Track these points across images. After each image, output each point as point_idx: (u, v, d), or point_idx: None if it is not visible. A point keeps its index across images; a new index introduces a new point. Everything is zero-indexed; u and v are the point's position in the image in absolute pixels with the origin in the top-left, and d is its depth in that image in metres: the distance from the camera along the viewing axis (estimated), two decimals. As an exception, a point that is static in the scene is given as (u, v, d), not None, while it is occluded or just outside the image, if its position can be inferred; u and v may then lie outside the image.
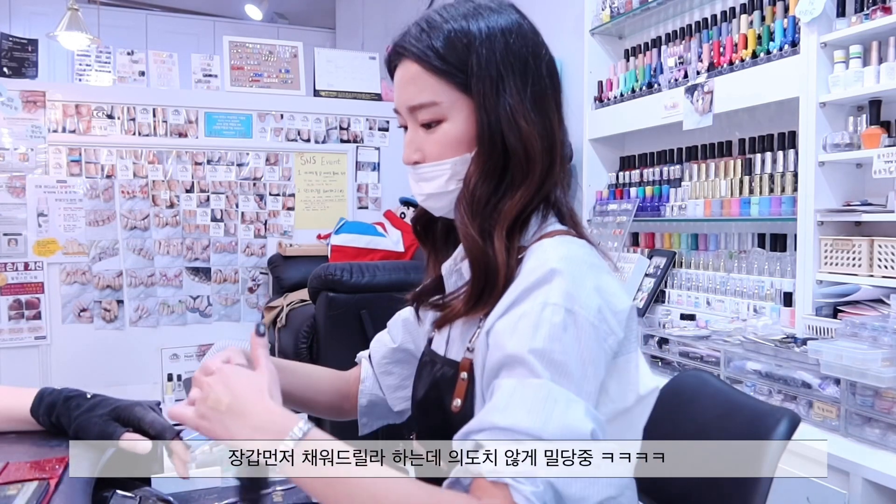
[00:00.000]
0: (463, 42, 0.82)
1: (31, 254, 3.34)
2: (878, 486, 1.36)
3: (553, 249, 0.78)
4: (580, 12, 2.86)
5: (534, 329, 0.71)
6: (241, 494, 0.89)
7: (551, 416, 0.67)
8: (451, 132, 0.83)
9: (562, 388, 0.69)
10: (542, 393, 0.68)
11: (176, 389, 3.55)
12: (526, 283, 0.75)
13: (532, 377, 0.69)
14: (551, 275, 0.74)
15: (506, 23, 0.84)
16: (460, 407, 0.81)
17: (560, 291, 0.72)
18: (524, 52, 0.84)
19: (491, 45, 0.82)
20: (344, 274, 2.72)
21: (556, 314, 0.71)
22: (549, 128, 0.84)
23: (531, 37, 0.86)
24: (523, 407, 0.67)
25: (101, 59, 3.63)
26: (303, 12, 6.86)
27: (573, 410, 0.68)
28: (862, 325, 1.52)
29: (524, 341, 0.70)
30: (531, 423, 0.66)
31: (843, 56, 1.82)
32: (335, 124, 3.87)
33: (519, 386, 0.69)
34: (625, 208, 2.60)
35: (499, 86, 0.81)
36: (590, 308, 0.73)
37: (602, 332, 0.73)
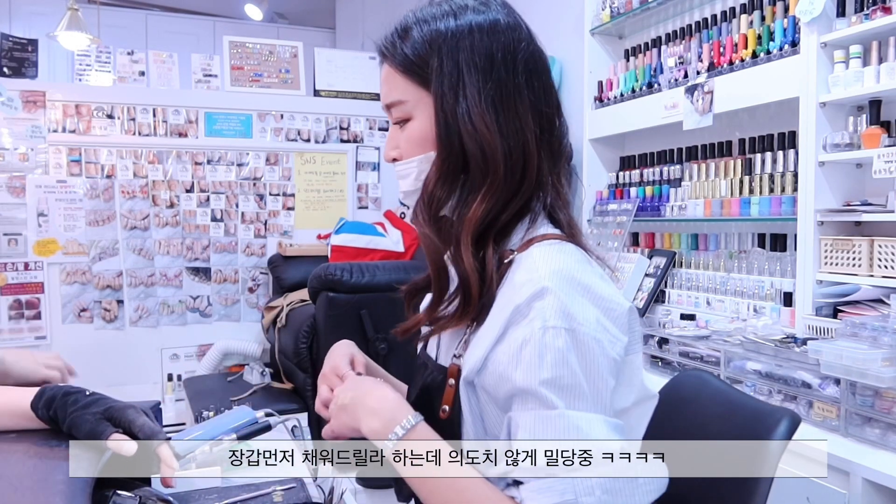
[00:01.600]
0: (428, 41, 0.82)
1: (31, 254, 3.34)
2: (878, 486, 1.36)
3: (543, 262, 0.76)
4: (580, 12, 2.86)
5: (539, 358, 0.71)
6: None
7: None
8: (415, 130, 0.84)
9: (578, 413, 0.70)
10: (561, 424, 0.69)
11: (176, 389, 3.55)
12: (517, 300, 0.74)
13: (546, 409, 0.70)
14: (543, 293, 0.73)
15: (479, 20, 0.83)
16: (448, 413, 0.82)
17: (556, 311, 0.72)
18: (492, 49, 0.82)
19: (455, 43, 0.81)
20: (344, 274, 2.72)
21: (557, 338, 0.71)
22: (519, 129, 0.81)
23: (506, 34, 0.84)
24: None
25: (101, 59, 3.63)
26: (303, 12, 6.86)
27: (595, 431, 0.70)
28: (862, 325, 1.52)
29: (532, 373, 0.71)
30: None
31: (843, 56, 1.82)
32: (335, 124, 3.87)
33: (537, 421, 0.71)
34: (625, 208, 2.60)
35: (458, 85, 0.81)
36: (589, 322, 0.73)
37: (606, 343, 0.73)
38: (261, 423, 1.33)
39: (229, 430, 1.29)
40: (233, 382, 3.21)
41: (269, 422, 1.35)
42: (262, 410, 1.37)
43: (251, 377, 3.22)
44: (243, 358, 3.65)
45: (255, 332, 3.71)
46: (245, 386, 3.12)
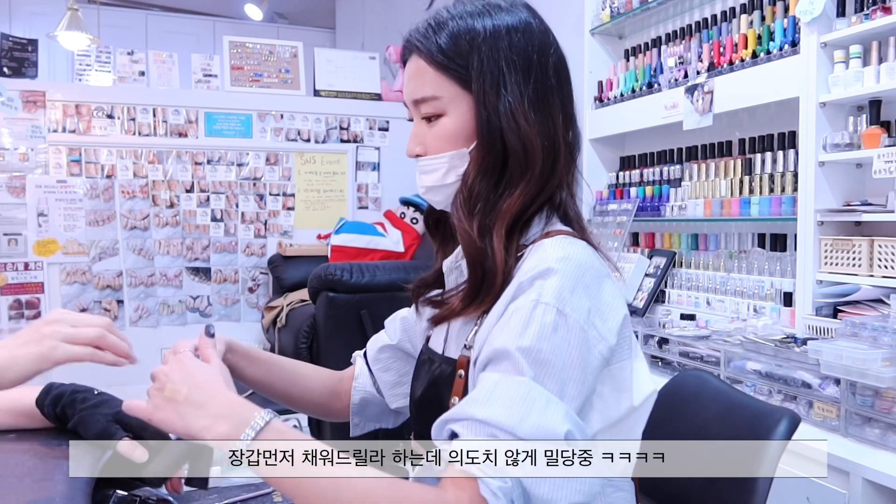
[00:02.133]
0: (466, 39, 0.83)
1: (31, 254, 3.34)
2: (878, 486, 1.36)
3: (553, 249, 0.78)
4: (580, 12, 2.86)
5: (523, 326, 0.71)
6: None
7: (528, 414, 0.67)
8: (449, 126, 0.84)
9: (543, 389, 0.69)
10: (523, 390, 0.68)
11: (176, 389, 3.55)
12: (521, 279, 0.76)
13: (516, 374, 0.70)
14: (547, 273, 0.74)
15: (513, 21, 0.84)
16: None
17: (553, 291, 0.73)
18: (529, 50, 0.84)
19: (494, 42, 0.82)
20: (344, 274, 2.72)
21: (547, 313, 0.72)
22: (552, 128, 0.84)
23: (539, 35, 0.86)
24: (503, 402, 0.68)
25: (101, 59, 3.63)
26: (303, 12, 6.86)
27: (551, 411, 0.68)
28: (862, 325, 1.52)
29: (512, 337, 0.71)
30: (507, 418, 0.67)
31: (843, 56, 1.82)
32: (335, 124, 3.87)
33: (502, 381, 0.70)
34: (625, 208, 2.60)
35: (500, 83, 0.82)
36: (581, 311, 0.73)
37: (592, 338, 0.73)
38: (261, 423, 1.33)
39: (229, 430, 1.29)
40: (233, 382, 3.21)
41: (269, 422, 1.34)
42: (262, 410, 1.37)
43: (251, 377, 3.21)
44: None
45: (255, 332, 3.71)
46: (245, 386, 3.12)
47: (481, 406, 0.68)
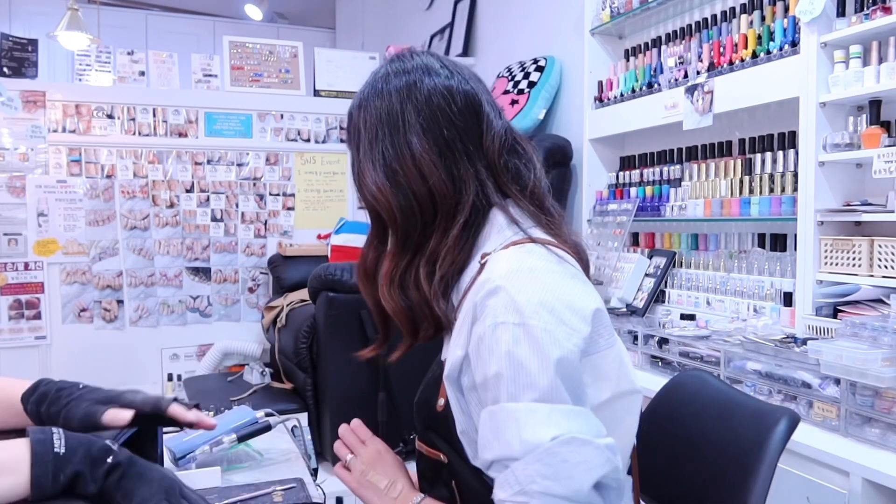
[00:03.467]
0: (348, 116, 0.94)
1: (31, 254, 3.34)
2: (878, 486, 1.36)
3: (503, 263, 0.80)
4: (580, 12, 2.86)
5: (489, 354, 0.75)
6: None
7: (512, 438, 0.72)
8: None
9: (521, 403, 0.73)
10: (502, 416, 0.73)
11: (176, 389, 3.55)
12: (475, 297, 0.79)
13: (492, 404, 0.75)
14: (496, 290, 0.77)
15: (379, 83, 0.90)
16: (443, 405, 0.85)
17: (506, 307, 0.75)
18: (384, 105, 0.88)
19: (361, 115, 0.91)
20: (344, 274, 2.72)
21: (505, 332, 0.74)
22: (421, 178, 0.85)
23: (410, 78, 0.89)
24: (494, 437, 0.74)
25: (101, 59, 3.63)
26: (303, 12, 6.86)
27: (530, 422, 0.72)
28: (862, 325, 1.52)
29: (483, 369, 0.76)
30: (502, 450, 0.73)
31: (843, 56, 1.83)
32: (335, 124, 3.87)
33: (487, 417, 0.75)
34: (625, 208, 2.61)
35: (359, 154, 0.90)
36: (540, 315, 0.74)
37: (560, 335, 0.74)
38: (261, 423, 1.34)
39: (229, 430, 1.29)
40: (233, 382, 3.21)
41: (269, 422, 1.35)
42: (262, 410, 1.38)
43: (251, 377, 3.22)
44: (243, 358, 3.65)
45: (255, 332, 3.71)
46: (245, 386, 3.12)
47: (487, 450, 0.76)
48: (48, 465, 0.68)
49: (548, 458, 0.70)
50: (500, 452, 0.73)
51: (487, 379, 0.75)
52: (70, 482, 0.69)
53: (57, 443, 0.69)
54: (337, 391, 2.75)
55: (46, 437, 0.70)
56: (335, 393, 2.75)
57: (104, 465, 0.71)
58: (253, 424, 1.33)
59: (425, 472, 0.93)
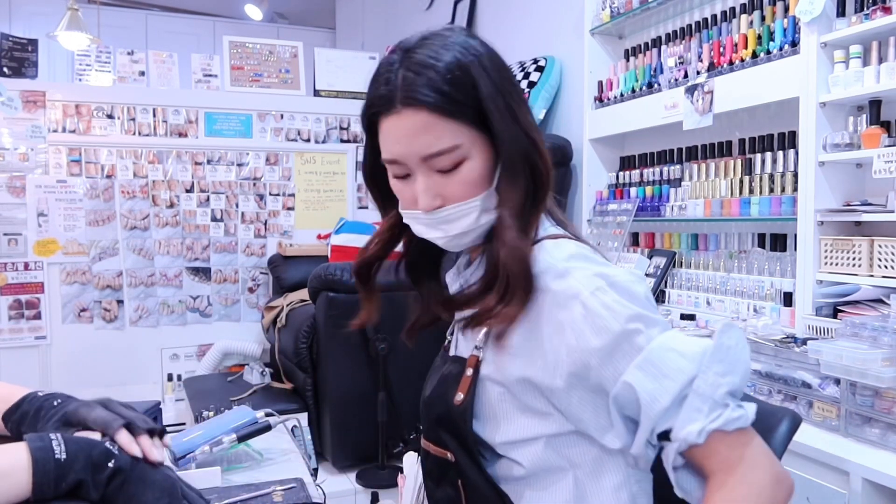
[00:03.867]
0: (463, 78, 0.81)
1: (31, 254, 3.34)
2: (878, 486, 1.36)
3: (557, 251, 0.82)
4: (580, 12, 2.86)
5: (602, 319, 0.76)
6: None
7: (680, 363, 0.74)
8: (475, 170, 0.83)
9: (659, 338, 0.75)
10: (657, 355, 0.74)
11: (176, 389, 3.55)
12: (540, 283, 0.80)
13: (637, 353, 0.75)
14: (565, 272, 0.79)
15: (480, 47, 0.85)
16: (462, 400, 0.84)
17: (586, 280, 0.78)
18: (506, 70, 0.86)
19: (485, 72, 0.82)
20: (344, 274, 2.72)
21: (604, 295, 0.77)
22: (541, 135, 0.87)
23: (496, 52, 0.87)
24: (662, 377, 0.74)
25: (101, 59, 3.63)
26: (303, 12, 6.86)
27: (681, 343, 0.76)
28: (862, 325, 1.52)
29: (602, 337, 0.76)
30: (676, 382, 0.73)
31: (843, 56, 1.82)
32: (335, 124, 3.87)
33: (641, 367, 0.74)
34: (625, 208, 2.61)
35: (508, 108, 0.82)
36: (618, 274, 0.79)
37: (636, 280, 0.80)
38: (261, 423, 1.34)
39: (229, 430, 1.29)
40: (233, 382, 3.21)
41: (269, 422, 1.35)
42: (262, 410, 1.37)
43: (251, 377, 3.22)
44: (243, 358, 3.65)
45: (255, 332, 3.71)
46: (245, 386, 3.12)
47: (658, 397, 0.74)
48: (50, 473, 0.67)
49: (719, 355, 0.74)
50: (676, 385, 0.73)
51: (614, 341, 0.75)
52: (72, 489, 0.68)
53: (57, 449, 0.69)
54: (337, 391, 2.75)
55: (46, 444, 0.69)
56: (335, 393, 2.75)
57: (106, 470, 0.70)
58: (253, 424, 1.32)
59: (431, 471, 0.93)
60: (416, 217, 0.86)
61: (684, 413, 0.73)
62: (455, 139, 0.81)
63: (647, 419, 0.75)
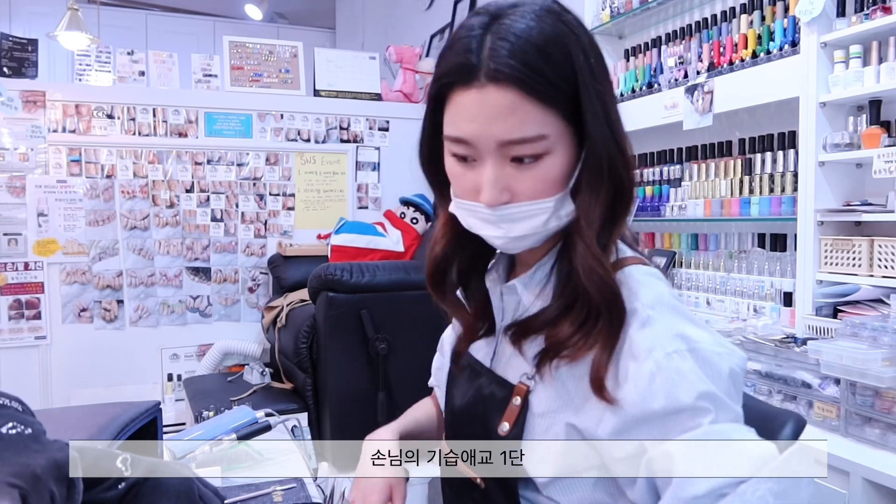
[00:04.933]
0: (561, 57, 0.69)
1: (31, 254, 3.34)
2: (878, 486, 1.36)
3: (642, 290, 0.73)
4: (580, 12, 2.85)
5: (673, 385, 0.67)
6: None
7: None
8: (557, 167, 0.72)
9: (724, 425, 0.67)
10: (712, 441, 0.66)
11: (176, 389, 3.55)
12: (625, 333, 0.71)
13: (695, 429, 0.66)
14: (649, 321, 0.70)
15: (576, 23, 0.73)
16: (508, 431, 0.78)
17: (670, 337, 0.69)
18: (601, 57, 0.74)
19: (584, 55, 0.71)
20: (344, 274, 2.72)
21: (684, 360, 0.68)
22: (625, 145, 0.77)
23: (591, 34, 0.75)
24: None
25: (101, 59, 3.63)
26: (303, 12, 6.86)
27: (748, 441, 0.67)
28: (862, 325, 1.52)
29: (671, 399, 0.67)
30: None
31: (843, 56, 1.83)
32: (335, 124, 3.87)
33: (688, 447, 0.66)
34: (625, 208, 2.60)
35: (604, 107, 0.73)
36: (703, 339, 0.70)
37: (726, 354, 0.71)
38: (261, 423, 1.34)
39: (229, 430, 1.29)
40: (233, 382, 3.21)
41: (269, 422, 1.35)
42: (262, 410, 1.37)
43: (251, 377, 3.22)
44: (243, 358, 3.65)
45: (255, 332, 3.71)
46: (245, 386, 3.12)
47: (692, 483, 0.64)
48: None
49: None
50: (720, 481, 0.64)
51: (676, 410, 0.67)
52: None
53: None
54: (337, 391, 2.75)
55: None
56: (335, 393, 2.75)
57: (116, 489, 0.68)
58: (253, 424, 1.32)
59: (453, 483, 0.89)
60: (474, 210, 0.74)
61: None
62: (543, 128, 0.69)
63: (673, 499, 0.66)
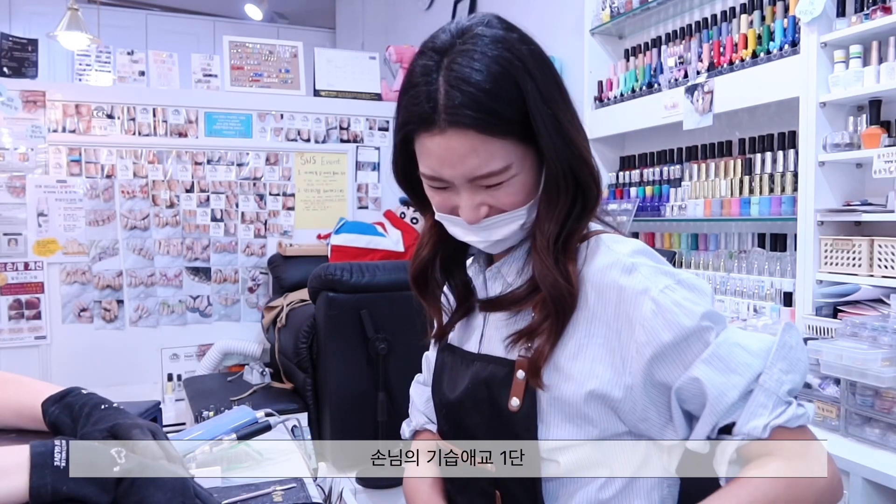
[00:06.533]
0: (509, 91, 0.76)
1: (31, 254, 3.34)
2: (878, 486, 1.36)
3: (617, 246, 0.81)
4: (580, 12, 2.86)
5: (673, 316, 0.76)
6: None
7: (747, 358, 0.75)
8: (525, 183, 0.80)
9: (725, 333, 0.76)
10: (724, 350, 0.75)
11: (176, 389, 3.55)
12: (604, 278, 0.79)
13: (703, 351, 0.75)
14: (632, 267, 0.78)
15: (520, 45, 0.79)
16: (519, 406, 0.81)
17: (655, 276, 0.78)
18: (548, 67, 0.81)
19: (531, 79, 0.77)
20: (344, 274, 2.72)
21: (673, 292, 0.77)
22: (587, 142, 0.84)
23: (535, 43, 0.82)
24: (729, 372, 0.75)
25: (101, 59, 3.63)
26: (303, 12, 6.86)
27: (747, 339, 0.77)
28: (862, 325, 1.52)
29: (672, 332, 0.75)
30: (744, 377, 0.74)
31: (843, 56, 1.83)
32: (335, 124, 3.87)
33: (708, 362, 0.75)
34: (625, 208, 2.60)
35: (554, 118, 0.79)
36: (680, 272, 0.80)
37: (698, 279, 0.81)
38: (261, 423, 1.34)
39: (229, 430, 1.29)
40: (233, 382, 3.21)
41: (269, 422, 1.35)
42: (262, 410, 1.37)
43: (251, 377, 3.22)
44: (243, 358, 3.65)
45: (255, 332, 3.71)
46: (245, 386, 3.12)
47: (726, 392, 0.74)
48: (46, 478, 0.67)
49: (782, 353, 0.75)
50: (744, 380, 0.74)
51: (685, 337, 0.75)
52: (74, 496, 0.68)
53: (58, 456, 0.69)
54: (337, 391, 2.75)
55: (47, 450, 0.69)
56: (335, 393, 2.75)
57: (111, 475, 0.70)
58: (253, 424, 1.32)
59: (455, 478, 0.90)
60: (456, 222, 0.83)
61: (749, 408, 0.74)
62: (506, 159, 0.77)
63: (713, 413, 0.75)
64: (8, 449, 0.69)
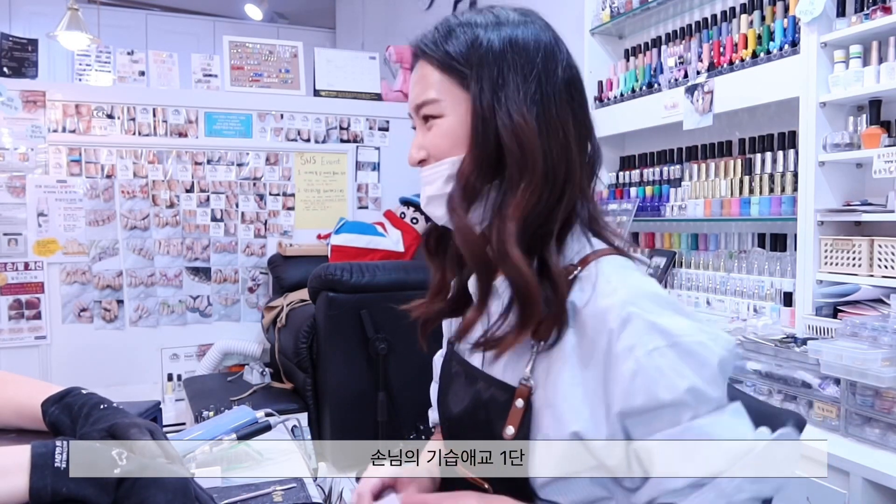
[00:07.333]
0: (470, 43, 0.82)
1: (31, 254, 3.34)
2: (878, 486, 1.36)
3: (620, 284, 0.76)
4: (580, 12, 2.86)
5: (652, 383, 0.70)
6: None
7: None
8: (445, 126, 0.82)
9: (705, 419, 0.71)
10: (691, 436, 0.70)
11: (176, 389, 3.55)
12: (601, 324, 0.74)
13: (672, 427, 0.71)
14: (629, 318, 0.73)
15: (524, 33, 0.83)
16: (514, 435, 0.79)
17: (649, 333, 0.72)
18: (534, 59, 0.82)
19: (499, 50, 0.81)
20: (344, 274, 2.72)
21: (662, 357, 0.71)
22: (558, 130, 0.81)
23: (548, 48, 0.85)
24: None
25: (101, 59, 3.63)
26: (303, 12, 6.86)
27: (724, 433, 0.71)
28: (862, 325, 1.52)
29: (646, 398, 0.71)
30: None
31: (843, 56, 1.83)
32: (335, 124, 3.87)
33: (663, 446, 0.71)
34: (625, 208, 2.61)
35: (497, 82, 0.80)
36: (684, 330, 0.72)
37: (709, 342, 0.73)
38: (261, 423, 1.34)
39: (229, 430, 1.29)
40: (233, 382, 3.21)
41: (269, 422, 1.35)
42: (262, 410, 1.37)
43: (251, 377, 3.22)
44: (243, 358, 3.65)
45: (255, 332, 3.71)
46: (245, 386, 3.12)
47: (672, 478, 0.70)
48: (47, 478, 0.67)
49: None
50: (698, 472, 0.69)
51: (657, 408, 0.71)
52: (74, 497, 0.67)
53: (59, 458, 0.69)
54: (337, 391, 2.75)
55: (48, 450, 0.69)
56: (335, 393, 2.75)
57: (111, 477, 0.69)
58: (253, 424, 1.32)
59: (455, 484, 0.90)
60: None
61: (694, 501, 0.70)
62: (438, 93, 0.82)
63: (653, 488, 0.72)
64: (9, 449, 0.69)
